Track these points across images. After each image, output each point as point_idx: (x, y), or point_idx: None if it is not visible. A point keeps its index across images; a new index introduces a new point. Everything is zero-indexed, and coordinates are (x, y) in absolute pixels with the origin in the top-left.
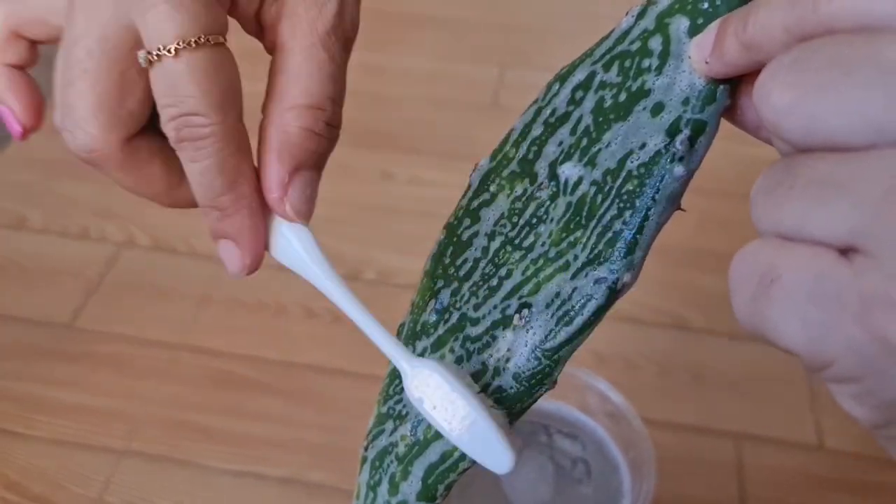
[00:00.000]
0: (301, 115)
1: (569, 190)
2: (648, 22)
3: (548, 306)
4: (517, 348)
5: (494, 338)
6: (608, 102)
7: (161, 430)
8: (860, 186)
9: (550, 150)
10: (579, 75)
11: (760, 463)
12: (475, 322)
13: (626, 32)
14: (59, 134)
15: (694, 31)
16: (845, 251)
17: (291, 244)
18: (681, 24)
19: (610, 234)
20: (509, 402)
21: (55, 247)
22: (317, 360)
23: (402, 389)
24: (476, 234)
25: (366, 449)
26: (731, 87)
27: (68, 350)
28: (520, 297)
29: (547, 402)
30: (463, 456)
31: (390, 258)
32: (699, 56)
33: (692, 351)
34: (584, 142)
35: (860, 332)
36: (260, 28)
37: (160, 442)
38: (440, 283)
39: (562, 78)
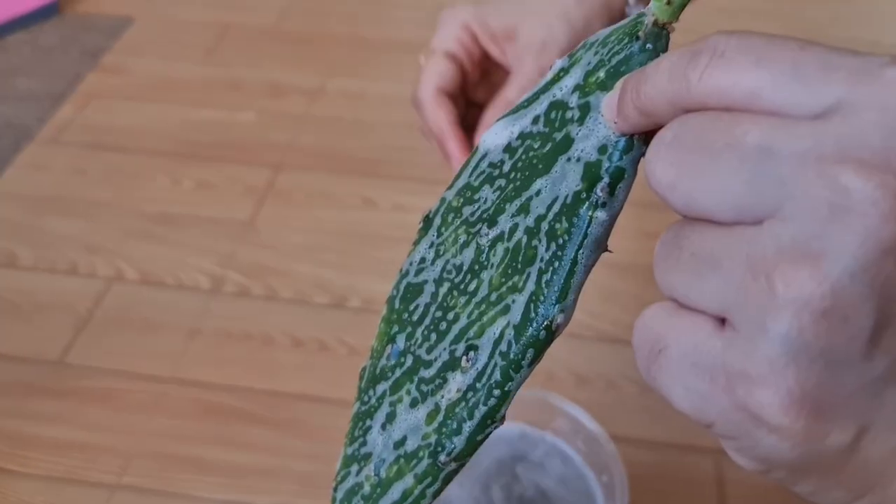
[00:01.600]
0: (494, 103)
1: (505, 237)
2: (571, 77)
3: (492, 347)
4: (467, 388)
5: (445, 379)
6: (537, 152)
7: (152, 464)
8: (727, 264)
9: (489, 198)
10: (511, 127)
11: (741, 478)
12: (428, 365)
13: (552, 83)
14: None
15: (607, 88)
16: (723, 320)
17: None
18: (597, 78)
19: (544, 279)
20: (463, 440)
21: (45, 283)
22: (304, 389)
23: (366, 432)
24: (426, 281)
25: (335, 489)
26: (646, 136)
27: (59, 386)
28: (466, 340)
29: (513, 427)
30: (423, 493)
31: (374, 285)
32: (609, 116)
33: None
34: (518, 190)
35: (727, 401)
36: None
37: (151, 475)
38: (395, 329)
39: (497, 128)
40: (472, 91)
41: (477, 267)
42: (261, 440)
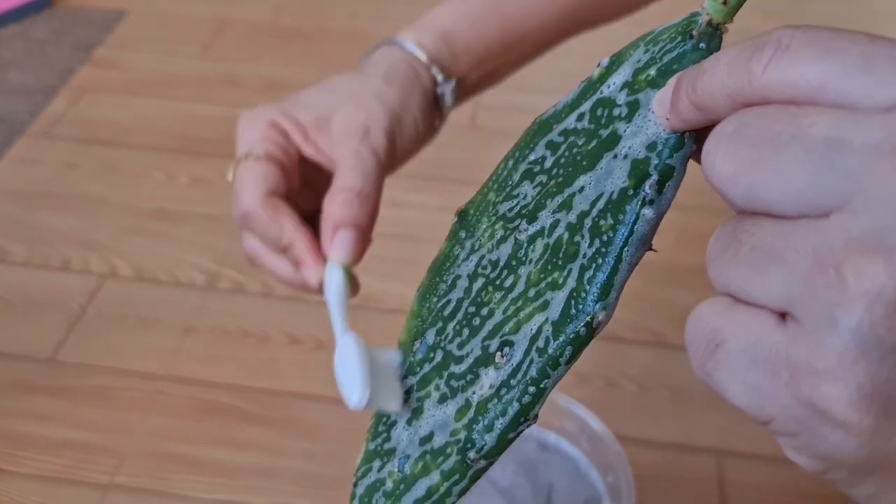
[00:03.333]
0: (335, 195)
1: (546, 232)
2: (620, 74)
3: (528, 344)
4: (500, 385)
5: (477, 375)
6: (581, 148)
7: (146, 463)
8: (791, 256)
9: (529, 194)
10: (555, 122)
11: (741, 479)
12: (459, 360)
13: (599, 81)
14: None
15: (657, 85)
16: (784, 314)
17: (328, 277)
18: (647, 76)
19: (586, 276)
20: (494, 437)
21: (37, 279)
22: (301, 388)
23: (391, 427)
24: (459, 276)
25: (355, 485)
26: (697, 133)
27: (51, 384)
28: (501, 336)
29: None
30: (449, 491)
31: (372, 283)
32: (660, 112)
33: (671, 368)
34: (560, 186)
35: (791, 396)
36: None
37: (145, 475)
38: (426, 323)
39: (540, 123)
40: (296, 200)
41: (514, 263)
42: (257, 439)
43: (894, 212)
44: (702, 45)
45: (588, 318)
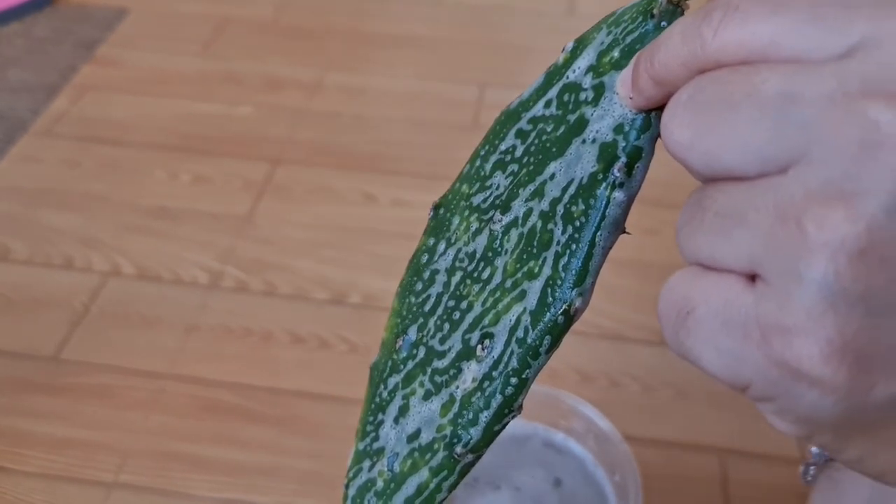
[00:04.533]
0: None
1: (519, 222)
2: (584, 58)
3: (508, 335)
4: (482, 378)
5: (460, 369)
6: (550, 135)
7: (149, 461)
8: (753, 216)
9: (501, 184)
10: (523, 111)
11: (745, 478)
12: (441, 355)
13: (564, 66)
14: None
15: (621, 67)
16: (754, 277)
17: None
18: (611, 58)
19: (561, 263)
20: (480, 431)
21: (39, 277)
22: (304, 386)
23: (378, 426)
24: (437, 271)
25: (346, 486)
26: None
27: (54, 382)
28: (481, 328)
29: (524, 426)
30: (438, 487)
31: (374, 281)
32: (624, 92)
33: (675, 367)
34: (532, 175)
35: (763, 357)
36: None
37: (149, 473)
38: (407, 320)
39: (508, 113)
40: None
41: (490, 254)
42: (260, 437)
43: (849, 158)
44: (663, 23)
45: (565, 306)
